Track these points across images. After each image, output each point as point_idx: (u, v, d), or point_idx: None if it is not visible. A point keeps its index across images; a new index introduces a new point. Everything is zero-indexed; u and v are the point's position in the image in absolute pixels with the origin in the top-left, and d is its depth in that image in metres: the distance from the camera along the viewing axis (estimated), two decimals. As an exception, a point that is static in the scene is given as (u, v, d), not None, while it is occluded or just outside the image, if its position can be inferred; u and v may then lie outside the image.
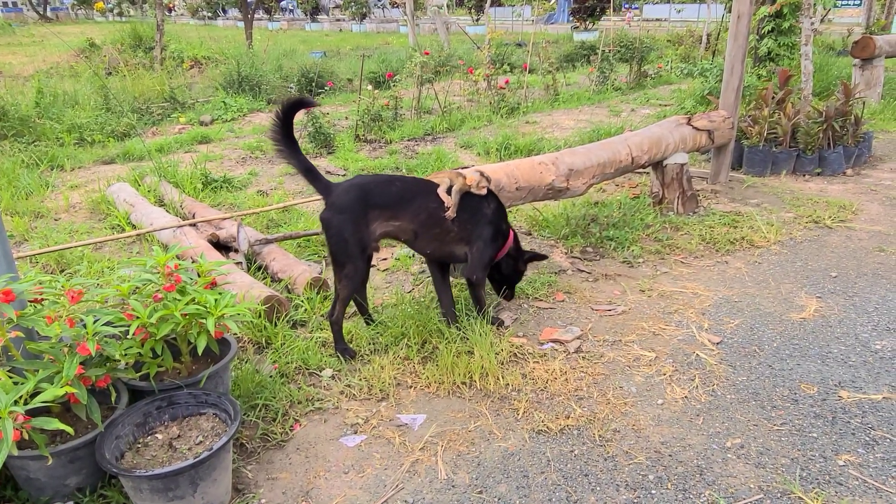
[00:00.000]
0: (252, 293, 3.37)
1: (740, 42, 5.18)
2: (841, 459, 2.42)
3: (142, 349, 2.34)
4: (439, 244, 3.18)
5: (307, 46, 18.06)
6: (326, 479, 2.42)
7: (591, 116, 8.86)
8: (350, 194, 3.01)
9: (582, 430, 2.63)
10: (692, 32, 14.63)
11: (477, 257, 3.22)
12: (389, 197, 3.07)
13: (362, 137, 7.79)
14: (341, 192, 3.03)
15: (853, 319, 3.41)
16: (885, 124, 7.56)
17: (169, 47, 13.96)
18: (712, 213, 4.95)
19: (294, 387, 2.93)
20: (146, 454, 2.21)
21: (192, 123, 9.05)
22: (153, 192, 5.49)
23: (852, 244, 4.37)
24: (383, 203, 3.04)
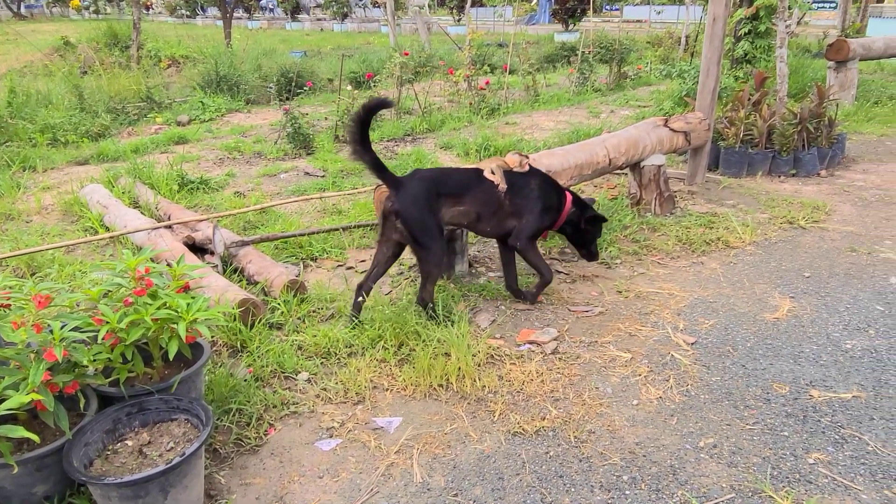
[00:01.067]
0: (227, 296, 3.33)
1: (716, 45, 5.23)
2: (811, 458, 2.45)
3: (111, 354, 2.30)
4: (497, 222, 3.53)
5: (287, 46, 17.95)
6: (301, 483, 2.40)
7: (570, 117, 8.91)
8: (422, 185, 3.32)
9: (557, 431, 2.64)
10: (671, 34, 14.76)
11: (522, 227, 3.55)
12: (453, 185, 3.43)
13: (342, 138, 7.75)
14: (414, 183, 3.32)
15: (825, 319, 3.46)
16: (859, 126, 7.69)
17: (146, 46, 13.80)
18: (689, 213, 4.99)
19: (269, 390, 2.91)
20: (116, 461, 2.17)
21: (168, 124, 8.94)
22: (128, 194, 5.42)
23: (825, 244, 4.43)
24: (449, 191, 3.39)
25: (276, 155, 7.18)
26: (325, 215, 5.19)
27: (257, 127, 8.90)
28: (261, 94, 10.95)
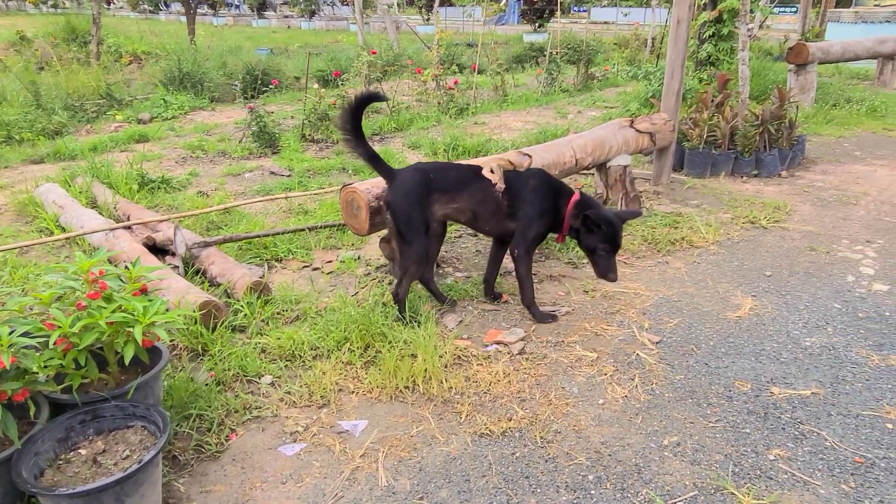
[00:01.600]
0: (188, 298, 3.25)
1: (680, 47, 5.31)
2: (771, 454, 2.49)
3: (64, 360, 2.22)
4: (496, 222, 3.44)
5: (253, 43, 17.68)
6: (263, 490, 2.35)
7: (538, 118, 8.95)
8: (414, 178, 3.29)
9: (524, 431, 2.63)
10: (638, 36, 14.95)
11: (519, 233, 3.43)
12: (448, 182, 3.36)
13: (309, 137, 7.66)
14: (406, 176, 3.30)
15: (785, 317, 3.53)
16: (818, 128, 7.89)
17: (106, 41, 13.45)
18: (654, 213, 5.05)
19: (231, 395, 2.84)
20: (68, 471, 2.09)
21: (129, 122, 8.72)
22: (85, 194, 5.26)
23: (786, 244, 4.53)
24: (443, 187, 3.33)
25: (241, 154, 7.05)
26: (291, 215, 5.12)
27: (222, 125, 8.74)
28: (226, 92, 10.75)
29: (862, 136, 7.74)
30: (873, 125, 8.15)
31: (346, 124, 3.23)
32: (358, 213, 3.66)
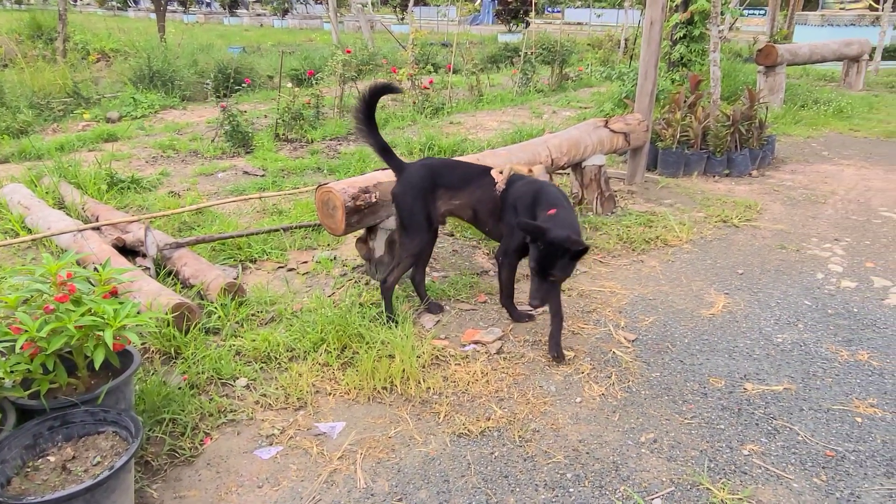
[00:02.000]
0: (160, 301, 3.19)
1: (653, 48, 5.37)
2: (746, 449, 2.53)
3: (31, 365, 2.16)
4: (493, 223, 3.41)
5: (225, 41, 17.45)
6: (239, 494, 2.31)
7: (514, 118, 8.98)
8: (421, 172, 3.34)
9: (502, 431, 2.63)
10: (611, 37, 15.10)
11: (504, 238, 3.40)
12: (453, 178, 3.38)
13: (282, 137, 7.58)
14: (413, 170, 3.35)
15: (757, 314, 3.59)
16: (787, 128, 8.05)
17: (73, 38, 13.17)
18: (629, 213, 5.10)
19: (205, 398, 2.79)
20: (37, 479, 2.03)
21: (97, 120, 8.54)
22: (52, 194, 5.13)
23: (757, 242, 4.60)
24: (448, 183, 3.35)
25: (214, 153, 6.95)
26: (265, 216, 5.05)
27: (193, 124, 8.60)
28: (197, 90, 10.59)
29: (829, 136, 7.91)
30: (840, 126, 8.34)
31: (360, 114, 3.31)
32: (334, 213, 3.63)
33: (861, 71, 11.12)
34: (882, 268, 4.17)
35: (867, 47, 10.98)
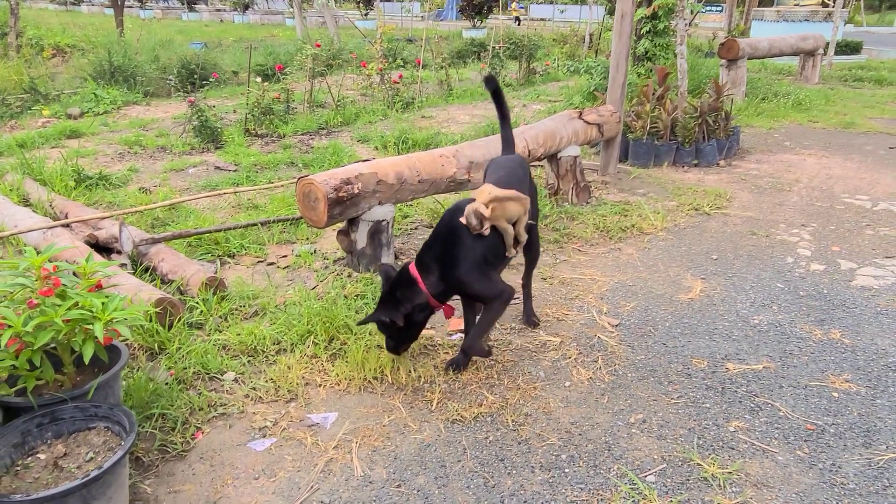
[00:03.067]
0: (141, 296, 3.12)
1: (624, 40, 5.45)
2: (731, 426, 2.60)
3: (16, 361, 2.10)
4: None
5: (185, 37, 17.07)
6: (235, 486, 2.28)
7: (485, 112, 9.01)
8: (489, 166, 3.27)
9: (495, 416, 2.66)
10: (576, 32, 15.26)
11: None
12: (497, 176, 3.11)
13: (253, 132, 7.47)
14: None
15: (733, 297, 3.69)
16: (750, 120, 8.27)
17: (26, 33, 12.72)
18: (604, 202, 5.18)
19: (193, 393, 2.75)
20: (27, 477, 1.98)
21: (58, 117, 8.28)
22: (16, 192, 4.97)
23: (728, 229, 4.73)
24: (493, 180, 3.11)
25: (183, 149, 6.81)
26: (241, 210, 4.98)
27: (159, 120, 8.42)
28: (160, 86, 10.35)
29: (790, 127, 8.16)
30: (799, 117, 8.60)
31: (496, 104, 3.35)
32: (315, 205, 3.60)
33: (816, 65, 11.48)
34: (847, 251, 4.33)
35: (822, 42, 11.33)
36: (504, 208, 2.73)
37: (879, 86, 11.64)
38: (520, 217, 2.84)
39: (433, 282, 2.73)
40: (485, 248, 2.74)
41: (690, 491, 2.25)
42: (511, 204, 2.76)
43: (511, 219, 2.80)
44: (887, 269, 4.04)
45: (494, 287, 2.77)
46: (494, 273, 2.83)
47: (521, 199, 2.82)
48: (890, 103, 9.86)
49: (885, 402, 2.74)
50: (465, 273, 2.71)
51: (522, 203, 2.83)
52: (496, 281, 2.79)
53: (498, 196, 2.72)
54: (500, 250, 2.83)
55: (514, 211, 2.79)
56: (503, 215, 2.74)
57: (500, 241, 2.81)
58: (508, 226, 2.79)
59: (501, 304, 2.77)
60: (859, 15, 27.23)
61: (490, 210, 2.67)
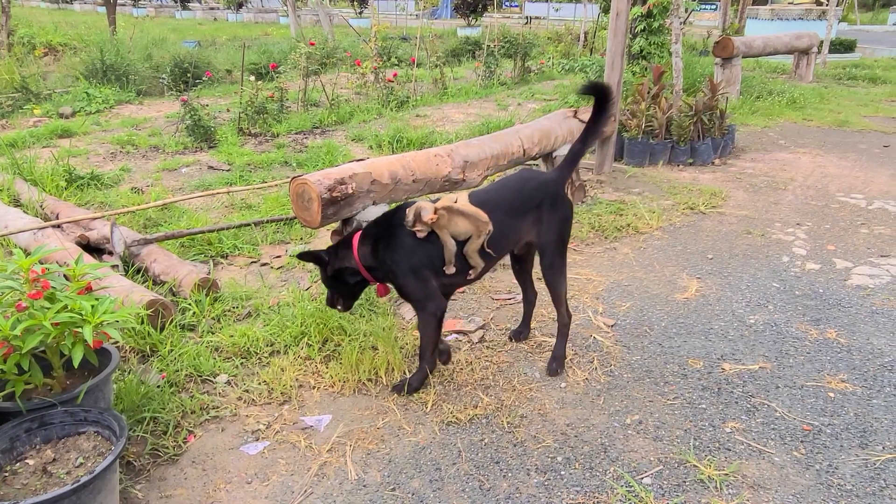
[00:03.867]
0: (132, 298, 3.08)
1: (619, 38, 5.44)
2: (728, 427, 2.59)
3: (5, 365, 2.06)
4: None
5: (178, 35, 16.99)
6: (228, 491, 2.26)
7: (479, 110, 8.99)
8: None
9: (490, 418, 2.64)
10: (570, 30, 15.25)
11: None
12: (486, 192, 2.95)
13: (246, 131, 7.43)
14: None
15: (729, 297, 3.68)
16: (745, 118, 8.27)
17: (17, 32, 12.63)
18: (599, 202, 5.17)
19: (186, 396, 2.72)
20: (16, 483, 1.95)
21: (49, 116, 8.22)
22: (6, 192, 4.92)
23: (724, 228, 4.72)
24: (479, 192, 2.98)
25: (176, 148, 6.77)
26: (234, 210, 4.95)
27: (152, 119, 8.36)
28: (153, 85, 10.30)
29: (784, 125, 8.16)
30: (794, 116, 8.61)
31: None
32: (309, 205, 3.57)
33: (810, 63, 11.49)
34: (843, 250, 4.32)
35: (816, 40, 11.35)
36: (452, 221, 2.58)
37: (873, 84, 11.67)
38: (471, 237, 2.60)
39: (364, 253, 2.67)
40: (422, 250, 2.60)
41: (687, 493, 2.24)
42: (461, 220, 2.58)
43: (457, 235, 2.59)
44: (882, 268, 4.04)
45: (420, 292, 2.63)
46: (429, 281, 2.64)
47: (477, 219, 2.58)
48: (884, 102, 9.89)
49: (881, 403, 2.73)
50: (393, 262, 2.63)
51: (477, 224, 2.58)
52: (427, 288, 2.63)
53: (451, 207, 2.59)
54: (437, 262, 2.62)
55: (463, 228, 2.58)
56: (448, 227, 2.57)
57: (441, 253, 2.61)
58: (450, 240, 2.58)
59: (429, 317, 2.65)
60: (853, 13, 27.32)
61: (434, 215, 2.55)
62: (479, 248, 2.62)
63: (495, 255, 2.71)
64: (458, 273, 2.66)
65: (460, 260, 2.63)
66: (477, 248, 2.61)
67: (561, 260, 2.87)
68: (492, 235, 2.63)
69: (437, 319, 2.67)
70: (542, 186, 2.81)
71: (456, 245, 2.60)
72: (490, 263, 2.75)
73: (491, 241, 2.64)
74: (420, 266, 2.62)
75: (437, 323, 2.68)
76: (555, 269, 2.86)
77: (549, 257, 2.83)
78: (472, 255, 2.62)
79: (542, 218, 2.78)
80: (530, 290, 3.18)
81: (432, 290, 2.65)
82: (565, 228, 2.86)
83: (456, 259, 2.62)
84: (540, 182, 2.84)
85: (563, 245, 2.86)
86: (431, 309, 2.65)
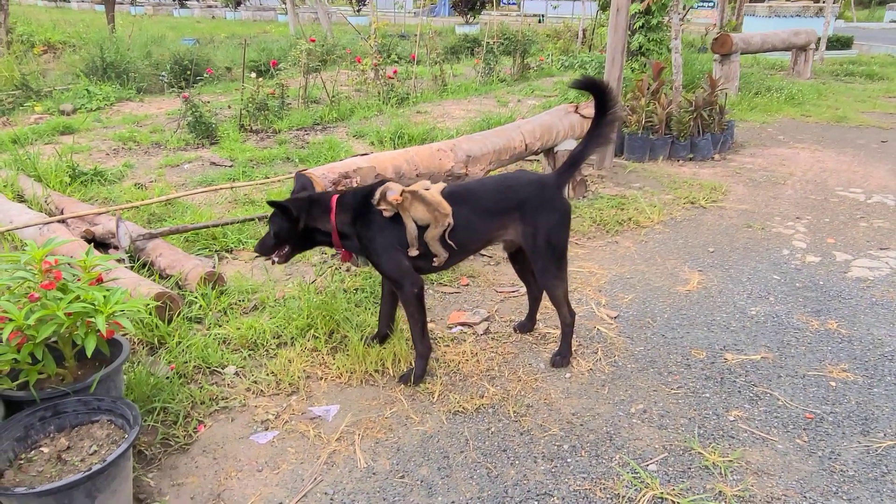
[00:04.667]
0: (140, 291, 3.11)
1: (619, 34, 5.47)
2: (731, 415, 2.63)
3: (18, 355, 2.09)
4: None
5: (177, 33, 16.97)
6: (239, 479, 2.29)
7: (479, 106, 9.02)
8: None
9: (497, 407, 2.67)
10: (569, 27, 15.26)
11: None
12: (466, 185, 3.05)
13: (248, 127, 7.44)
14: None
15: (731, 289, 3.71)
16: (743, 114, 8.30)
17: (16, 29, 12.61)
18: (600, 196, 5.20)
19: (195, 387, 2.75)
20: (31, 470, 1.97)
21: (50, 113, 8.21)
22: (11, 188, 4.93)
23: (724, 222, 4.76)
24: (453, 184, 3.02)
25: (178, 145, 6.78)
26: (237, 206, 4.97)
27: (153, 116, 8.37)
28: (153, 82, 10.29)
29: (783, 121, 8.20)
30: (792, 112, 8.64)
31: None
32: (314, 199, 3.59)
33: (808, 60, 11.53)
34: (842, 243, 4.36)
35: (813, 37, 11.39)
36: (413, 205, 2.63)
37: (870, 80, 11.71)
38: (431, 225, 2.64)
39: (343, 221, 2.69)
40: (391, 229, 2.66)
41: (692, 479, 2.27)
42: (420, 207, 2.63)
43: (418, 220, 2.64)
44: (882, 261, 4.08)
45: (394, 269, 2.68)
46: (402, 259, 2.68)
47: (436, 209, 2.63)
48: (881, 98, 9.93)
49: (882, 391, 2.77)
50: (368, 238, 2.67)
51: (435, 215, 2.62)
52: (401, 266, 2.67)
53: (416, 192, 2.65)
54: (404, 242, 2.66)
55: (421, 215, 2.63)
56: (409, 210, 2.63)
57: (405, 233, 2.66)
58: (411, 223, 2.63)
59: (408, 295, 2.68)
60: (849, 10, 27.37)
61: (398, 196, 2.61)
62: (438, 238, 2.65)
63: (458, 248, 2.72)
64: (423, 257, 2.69)
65: (423, 245, 2.67)
66: (435, 236, 2.65)
67: (555, 264, 2.80)
68: (455, 229, 2.66)
69: (416, 297, 2.69)
70: (525, 188, 2.76)
71: (417, 230, 2.65)
72: (458, 256, 2.77)
73: (453, 234, 2.67)
74: (390, 244, 2.66)
75: (418, 301, 2.71)
76: (548, 273, 2.80)
77: (541, 262, 2.79)
78: (431, 242, 2.66)
79: (527, 220, 2.75)
80: (534, 287, 3.18)
81: (406, 268, 2.68)
82: (555, 233, 2.77)
83: (419, 244, 2.66)
84: (524, 183, 2.79)
85: (555, 249, 2.78)
86: (408, 286, 2.68)
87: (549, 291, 2.89)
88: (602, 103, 2.82)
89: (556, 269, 2.82)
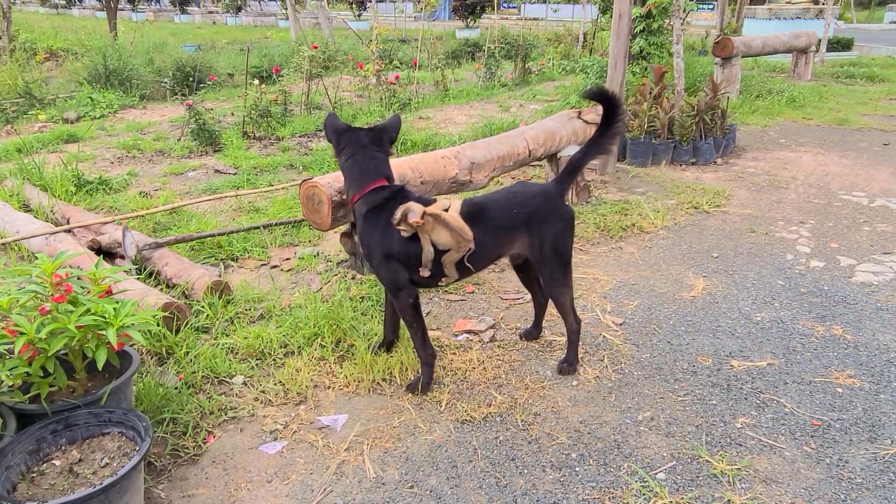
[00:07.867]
0: (148, 301, 3.12)
1: (622, 39, 5.48)
2: (738, 422, 2.63)
3: (30, 368, 2.10)
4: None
5: (178, 39, 17.03)
6: (249, 490, 2.30)
7: (481, 111, 9.04)
8: None
9: (504, 416, 2.68)
10: (570, 31, 15.29)
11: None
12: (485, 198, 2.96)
13: (251, 134, 7.46)
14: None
15: (735, 295, 3.72)
16: (745, 118, 8.31)
17: (18, 37, 12.67)
18: (604, 202, 5.21)
19: (203, 397, 2.76)
20: (43, 483, 1.98)
21: (54, 121, 8.25)
22: (16, 197, 4.95)
23: (728, 227, 4.76)
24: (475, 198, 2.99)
25: (182, 152, 6.80)
26: (242, 214, 4.98)
27: (156, 124, 8.40)
28: (155, 89, 10.33)
29: (784, 124, 8.21)
30: (793, 114, 8.66)
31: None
32: (320, 207, 3.61)
33: (809, 62, 11.55)
34: (846, 247, 4.37)
35: (814, 39, 11.40)
36: (435, 229, 2.59)
37: (871, 82, 11.72)
38: (450, 249, 2.62)
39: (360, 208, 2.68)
40: (401, 245, 2.62)
41: (701, 488, 2.28)
42: (443, 232, 2.59)
43: (439, 244, 2.61)
44: (886, 265, 4.09)
45: (390, 280, 2.68)
46: (399, 273, 2.66)
47: (460, 235, 2.60)
48: (883, 100, 9.94)
49: (889, 397, 2.77)
50: (370, 245, 2.68)
51: (457, 240, 2.60)
52: (398, 279, 2.66)
53: (439, 216, 2.59)
54: (414, 261, 2.64)
55: (443, 239, 2.59)
56: (430, 234, 2.59)
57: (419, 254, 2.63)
58: (429, 246, 2.60)
59: (403, 304, 2.69)
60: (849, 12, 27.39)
61: (419, 220, 2.55)
62: (456, 261, 2.66)
63: (474, 270, 2.75)
64: (431, 277, 2.69)
65: (436, 266, 2.66)
66: (454, 260, 2.65)
67: (561, 272, 2.81)
68: (472, 252, 2.66)
69: (411, 306, 2.71)
70: (531, 201, 2.76)
71: (434, 253, 2.63)
72: (465, 276, 2.79)
73: (471, 257, 2.67)
74: (395, 257, 2.64)
75: (414, 309, 2.72)
76: (555, 281, 2.82)
77: (547, 270, 2.80)
78: (448, 265, 2.66)
79: (533, 232, 2.76)
80: (540, 295, 3.19)
81: (403, 281, 2.68)
82: (562, 242, 2.78)
83: (432, 265, 2.65)
84: (530, 196, 2.79)
85: (562, 258, 2.80)
86: (403, 296, 2.69)
87: (555, 300, 2.90)
88: (609, 114, 2.83)
89: (563, 277, 2.84)
